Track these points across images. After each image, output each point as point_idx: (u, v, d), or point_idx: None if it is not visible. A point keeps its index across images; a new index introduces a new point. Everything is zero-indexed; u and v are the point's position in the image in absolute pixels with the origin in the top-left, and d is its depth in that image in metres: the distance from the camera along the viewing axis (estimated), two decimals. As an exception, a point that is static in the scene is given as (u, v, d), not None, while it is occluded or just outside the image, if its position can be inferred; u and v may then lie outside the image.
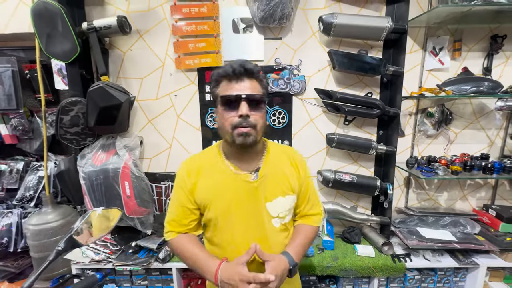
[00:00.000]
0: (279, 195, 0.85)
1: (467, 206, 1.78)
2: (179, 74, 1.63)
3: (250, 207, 0.83)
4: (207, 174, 0.85)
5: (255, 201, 0.83)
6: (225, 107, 0.77)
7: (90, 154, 1.50)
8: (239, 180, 0.83)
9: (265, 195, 0.84)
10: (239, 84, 0.77)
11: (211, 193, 0.83)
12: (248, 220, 0.83)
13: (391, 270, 1.45)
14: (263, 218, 0.84)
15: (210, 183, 0.84)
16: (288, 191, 0.87)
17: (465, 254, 1.52)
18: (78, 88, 1.48)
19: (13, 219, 1.72)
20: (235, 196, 0.82)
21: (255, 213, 0.83)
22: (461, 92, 1.45)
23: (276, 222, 0.86)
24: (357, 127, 1.67)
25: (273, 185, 0.85)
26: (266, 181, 0.84)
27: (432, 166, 1.52)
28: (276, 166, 0.87)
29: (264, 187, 0.84)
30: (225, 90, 0.78)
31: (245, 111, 0.74)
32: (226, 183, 0.83)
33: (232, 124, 0.76)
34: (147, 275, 1.56)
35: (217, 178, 0.84)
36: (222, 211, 0.83)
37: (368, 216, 1.67)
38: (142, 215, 1.54)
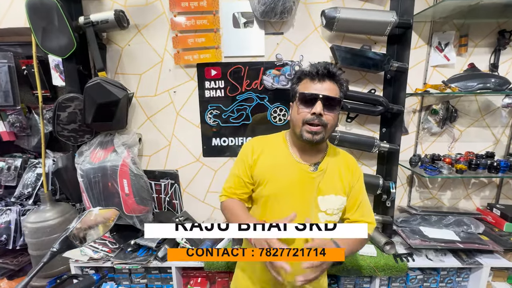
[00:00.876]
0: (331, 193, 0.89)
1: (471, 205, 1.75)
2: (178, 70, 1.60)
3: (302, 196, 0.88)
4: (271, 154, 0.92)
5: (309, 191, 0.88)
6: (301, 103, 0.83)
7: (88, 151, 1.48)
8: (298, 168, 0.89)
9: (319, 188, 0.88)
10: (319, 84, 0.82)
11: (269, 171, 0.90)
12: (297, 206, 0.86)
13: (393, 270, 1.43)
14: (311, 209, 0.88)
15: (271, 163, 0.91)
16: (340, 192, 0.90)
17: (469, 254, 1.50)
18: (75, 84, 1.45)
19: (11, 217, 1.71)
20: (292, 181, 0.88)
21: (305, 202, 0.88)
22: (467, 89, 1.41)
23: (322, 216, 0.89)
24: (359, 124, 1.64)
25: (329, 181, 0.90)
26: (323, 176, 0.89)
27: (436, 164, 1.49)
28: (334, 165, 0.92)
29: (320, 180, 0.89)
30: (304, 88, 0.84)
31: (319, 109, 0.80)
32: (286, 167, 0.89)
33: (304, 119, 0.83)
34: (146, 274, 1.55)
35: (279, 160, 0.91)
36: (276, 191, 0.89)
37: (370, 215, 1.64)
38: (141, 213, 1.52)
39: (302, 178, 0.88)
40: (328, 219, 0.89)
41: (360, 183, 0.96)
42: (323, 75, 0.82)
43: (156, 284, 1.57)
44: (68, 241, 0.67)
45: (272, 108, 1.61)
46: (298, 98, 0.84)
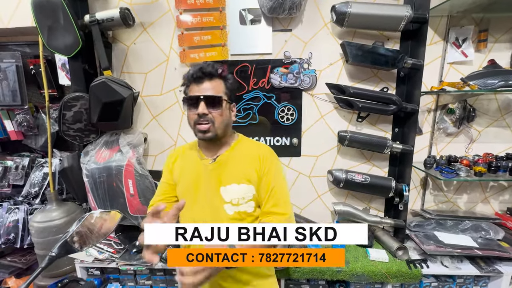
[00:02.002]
0: (233, 182, 0.91)
1: (489, 210, 1.66)
2: (184, 69, 1.57)
3: (205, 189, 0.93)
4: (183, 158, 1.02)
5: (210, 183, 0.92)
6: (188, 107, 0.90)
7: (93, 151, 1.47)
8: (200, 164, 0.96)
9: (219, 179, 0.92)
10: (199, 86, 0.88)
11: (180, 173, 0.98)
12: (204, 201, 0.92)
13: (406, 277, 1.37)
14: (217, 202, 0.91)
15: (182, 165, 1.00)
16: (243, 180, 0.91)
17: (487, 261, 1.42)
18: (81, 83, 1.44)
19: (19, 215, 1.72)
20: (195, 177, 0.95)
21: (209, 196, 0.92)
22: (487, 86, 1.33)
23: (229, 208, 0.91)
24: (371, 124, 1.58)
25: (229, 171, 0.92)
26: (222, 167, 0.93)
27: (453, 166, 1.41)
28: (237, 156, 0.95)
29: (219, 172, 0.92)
30: (189, 91, 0.91)
31: (201, 110, 0.86)
32: (190, 166, 0.97)
33: (193, 120, 0.89)
34: (151, 275, 1.53)
35: (187, 161, 1.00)
36: (184, 188, 0.96)
37: (381, 218, 1.58)
38: (146, 213, 1.50)
39: (202, 172, 0.94)
40: (236, 210, 0.90)
41: (271, 170, 0.93)
42: (200, 77, 0.88)
43: (161, 286, 1.54)
44: (67, 245, 0.64)
45: (280, 107, 1.57)
46: (183, 102, 0.90)
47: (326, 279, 1.43)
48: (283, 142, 1.61)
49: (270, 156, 0.96)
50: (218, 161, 0.94)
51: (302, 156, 1.63)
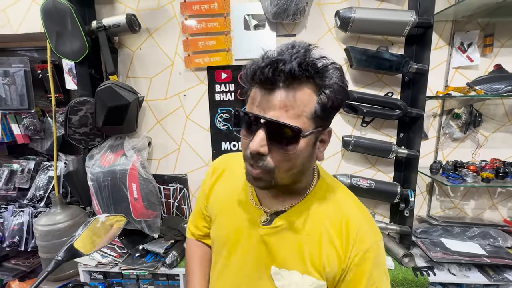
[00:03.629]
0: (295, 268, 0.54)
1: (497, 216, 1.63)
2: (189, 73, 1.59)
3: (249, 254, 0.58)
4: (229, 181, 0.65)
5: (257, 253, 0.57)
6: (244, 128, 0.50)
7: (98, 154, 1.48)
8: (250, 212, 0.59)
9: (272, 254, 0.56)
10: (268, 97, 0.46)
11: (219, 205, 0.65)
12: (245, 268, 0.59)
13: (412, 285, 1.34)
14: (262, 283, 0.57)
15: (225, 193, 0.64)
16: (312, 270, 0.54)
17: (496, 270, 1.38)
18: (87, 88, 1.46)
19: (24, 218, 1.73)
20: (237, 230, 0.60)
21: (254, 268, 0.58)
22: (494, 91, 1.32)
23: None
24: (375, 129, 1.56)
25: (292, 248, 0.55)
26: (282, 238, 0.56)
27: (460, 172, 1.39)
28: (310, 223, 0.55)
29: (276, 243, 0.56)
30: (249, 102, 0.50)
31: (256, 146, 0.46)
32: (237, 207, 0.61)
33: (245, 153, 0.50)
34: (154, 280, 1.52)
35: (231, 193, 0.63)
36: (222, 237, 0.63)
37: (386, 224, 1.55)
38: (150, 218, 1.50)
39: (249, 231, 0.58)
40: None
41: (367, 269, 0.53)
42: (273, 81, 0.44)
43: (163, 291, 1.54)
44: (73, 250, 0.64)
45: (284, 111, 1.57)
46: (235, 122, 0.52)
47: None
48: (287, 147, 1.61)
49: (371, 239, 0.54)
50: (275, 224, 0.56)
51: (306, 161, 1.62)
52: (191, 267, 0.74)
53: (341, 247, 0.53)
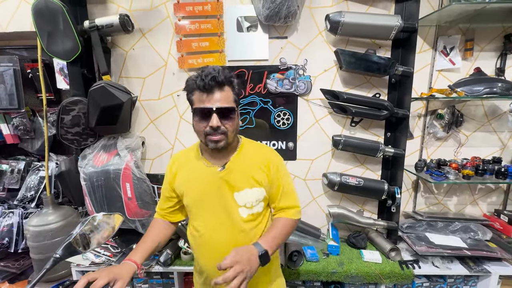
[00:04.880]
0: (246, 187, 0.92)
1: (477, 211, 1.72)
2: (182, 74, 1.60)
3: (218, 196, 0.92)
4: (185, 167, 0.97)
5: (223, 190, 0.91)
6: (199, 117, 0.84)
7: (91, 154, 1.48)
8: (208, 172, 0.93)
9: (231, 185, 0.91)
10: (210, 96, 0.81)
11: (186, 183, 0.95)
12: (217, 208, 0.92)
13: (398, 277, 1.41)
14: (231, 207, 0.91)
15: (186, 175, 0.96)
16: (255, 184, 0.93)
17: (476, 262, 1.47)
18: (79, 88, 1.46)
19: (14, 220, 1.71)
20: (205, 186, 0.92)
21: (223, 202, 0.92)
22: (474, 93, 1.40)
23: (243, 211, 0.92)
24: (364, 129, 1.62)
25: (240, 177, 0.92)
26: (233, 173, 0.92)
27: (442, 170, 1.46)
28: (245, 161, 0.94)
29: (230, 178, 0.91)
30: (197, 102, 0.83)
31: (215, 123, 0.81)
32: (198, 175, 0.94)
33: (205, 132, 0.84)
34: (148, 278, 1.53)
35: (192, 171, 0.96)
36: (195, 199, 0.94)
37: (374, 220, 1.62)
38: (143, 217, 1.51)
39: (213, 180, 0.91)
40: (249, 212, 0.92)
41: (279, 172, 0.97)
42: (212, 86, 0.80)
43: (157, 289, 1.55)
44: (71, 247, 0.66)
45: (276, 112, 1.61)
46: (194, 113, 0.85)
47: (321, 281, 1.46)
48: (279, 146, 1.65)
49: (276, 158, 0.99)
50: (227, 168, 0.91)
51: (298, 160, 1.66)
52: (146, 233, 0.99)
53: (265, 168, 0.95)
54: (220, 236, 0.91)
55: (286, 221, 0.96)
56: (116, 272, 0.76)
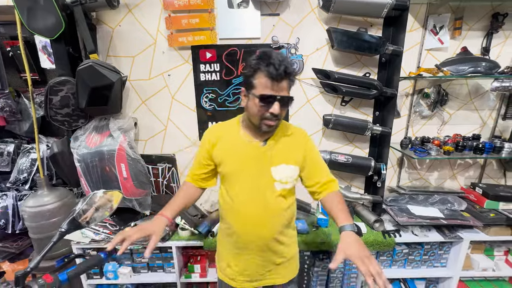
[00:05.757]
0: (282, 162, 0.97)
1: (456, 185, 1.85)
2: (172, 52, 1.57)
3: (257, 168, 0.97)
4: (225, 139, 1.01)
5: (262, 164, 0.97)
6: (261, 102, 0.86)
7: (83, 136, 1.47)
8: (250, 146, 0.98)
9: (271, 160, 0.97)
10: (277, 85, 0.84)
11: (226, 153, 1.00)
12: (254, 179, 0.97)
13: (381, 245, 1.53)
14: (267, 180, 0.97)
15: (226, 146, 1.00)
16: (292, 162, 0.99)
17: (451, 229, 1.61)
18: (65, 67, 1.41)
19: (8, 202, 1.71)
20: (246, 158, 0.97)
21: (260, 174, 0.97)
22: (459, 72, 1.45)
23: (278, 185, 0.98)
24: (354, 108, 1.67)
25: (279, 153, 0.98)
26: (273, 149, 0.98)
27: (426, 146, 1.55)
28: (283, 139, 1.00)
29: (270, 153, 0.97)
30: (263, 87, 0.85)
31: (277, 110, 0.86)
32: (239, 148, 0.99)
33: (262, 116, 0.88)
34: (148, 253, 1.60)
35: (232, 143, 1.00)
36: (234, 169, 0.99)
37: (361, 195, 1.72)
38: (140, 196, 1.55)
39: (253, 154, 0.97)
40: (283, 187, 0.98)
41: (313, 151, 1.04)
42: (282, 77, 0.83)
43: (157, 263, 1.64)
44: (75, 222, 0.69)
45: (268, 91, 1.61)
46: (258, 97, 0.86)
47: (310, 250, 1.57)
48: (272, 126, 1.68)
49: (309, 138, 1.06)
50: (269, 144, 0.97)
51: (290, 139, 1.71)
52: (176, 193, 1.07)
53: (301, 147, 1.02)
54: (253, 205, 0.97)
55: (340, 195, 1.02)
56: (149, 228, 0.85)
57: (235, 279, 1.05)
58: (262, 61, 0.83)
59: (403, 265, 1.69)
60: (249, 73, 0.87)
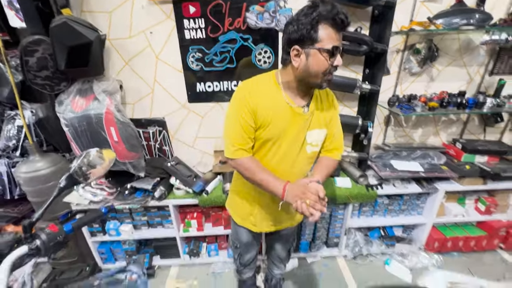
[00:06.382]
0: (317, 127, 0.99)
1: (438, 141, 1.94)
2: (153, 7, 1.46)
3: (297, 134, 0.96)
4: (267, 98, 0.92)
5: (301, 128, 0.96)
6: (328, 56, 0.81)
7: (67, 99, 1.43)
8: (293, 111, 0.93)
9: (308, 125, 0.97)
10: (339, 35, 0.81)
11: (270, 115, 0.91)
12: (291, 143, 0.97)
13: (364, 197, 1.66)
14: (302, 143, 0.98)
15: (270, 107, 0.91)
16: (323, 126, 1.00)
17: (429, 181, 1.74)
18: (37, 25, 1.30)
19: (2, 169, 1.72)
20: (287, 123, 0.93)
21: (298, 138, 0.97)
22: (452, 25, 1.41)
23: (309, 148, 1.01)
24: (344, 66, 1.64)
25: (315, 118, 0.98)
26: (312, 115, 0.97)
27: (412, 103, 1.58)
28: (319, 104, 0.99)
29: (310, 119, 0.96)
30: (328, 38, 0.79)
31: (340, 62, 0.82)
32: (282, 111, 0.92)
33: (326, 70, 0.83)
34: (146, 212, 1.70)
35: (276, 105, 0.92)
36: (275, 134, 0.94)
37: (348, 152, 1.80)
38: (133, 159, 1.58)
39: (297, 120, 0.93)
40: (313, 150, 1.02)
41: (336, 116, 1.05)
42: (346, 25, 0.79)
43: (156, 220, 1.74)
44: (73, 178, 0.72)
45: (257, 50, 1.56)
46: (327, 52, 0.80)
47: (299, 204, 1.69)
48: (261, 86, 1.66)
49: (335, 101, 1.04)
50: (310, 109, 0.95)
51: (279, 99, 1.71)
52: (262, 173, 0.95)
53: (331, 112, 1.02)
54: (286, 165, 0.99)
55: (334, 163, 1.07)
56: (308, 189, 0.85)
57: (256, 225, 1.14)
58: (325, 10, 0.76)
59: (383, 214, 1.85)
60: (309, 26, 0.78)
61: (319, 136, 1.01)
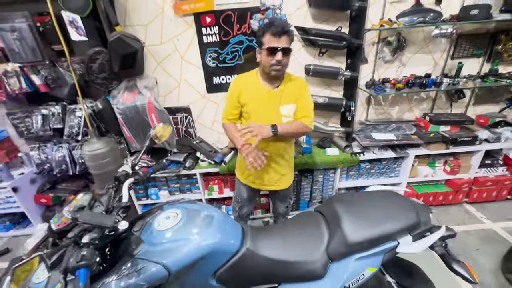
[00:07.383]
0: (287, 103, 1.36)
1: (412, 116, 2.34)
2: (178, 20, 1.88)
3: (271, 107, 1.35)
4: (248, 86, 1.37)
5: (274, 104, 1.35)
6: (268, 53, 1.23)
7: (118, 94, 1.90)
8: (266, 91, 1.35)
9: (280, 101, 1.35)
10: (279, 40, 1.20)
11: (249, 97, 1.37)
12: (268, 114, 1.35)
13: (349, 162, 2.10)
14: (277, 115, 1.37)
15: (249, 91, 1.36)
16: (293, 101, 1.38)
17: (402, 148, 2.16)
18: (96, 39, 1.76)
19: (65, 152, 2.22)
20: (263, 100, 1.35)
21: (273, 111, 1.36)
22: (410, 23, 1.79)
23: (284, 119, 1.38)
24: (330, 58, 2.05)
25: (285, 96, 1.36)
26: (282, 93, 1.35)
27: (384, 85, 1.99)
28: (288, 85, 1.37)
29: (280, 96, 1.35)
30: (269, 42, 1.21)
31: (279, 58, 1.22)
32: (258, 92, 1.35)
33: (271, 63, 1.24)
34: (178, 180, 2.19)
35: (253, 89, 1.36)
36: (254, 108, 1.37)
37: (336, 128, 2.23)
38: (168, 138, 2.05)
39: (269, 96, 1.35)
40: (287, 120, 1.38)
41: (304, 93, 1.40)
42: (281, 33, 1.19)
43: (186, 187, 2.23)
44: (152, 140, 1.18)
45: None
46: (266, 50, 1.22)
47: (298, 170, 2.14)
48: (264, 77, 2.09)
49: (305, 84, 1.41)
50: (280, 89, 1.34)
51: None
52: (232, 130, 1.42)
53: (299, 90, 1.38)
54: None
55: (299, 122, 1.37)
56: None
57: (254, 182, 1.53)
58: (268, 25, 1.21)
59: (367, 177, 2.29)
60: (259, 34, 1.24)
61: (290, 109, 1.37)
